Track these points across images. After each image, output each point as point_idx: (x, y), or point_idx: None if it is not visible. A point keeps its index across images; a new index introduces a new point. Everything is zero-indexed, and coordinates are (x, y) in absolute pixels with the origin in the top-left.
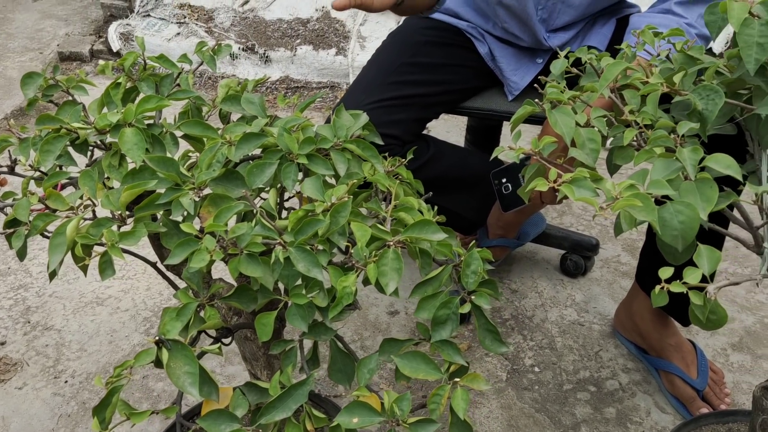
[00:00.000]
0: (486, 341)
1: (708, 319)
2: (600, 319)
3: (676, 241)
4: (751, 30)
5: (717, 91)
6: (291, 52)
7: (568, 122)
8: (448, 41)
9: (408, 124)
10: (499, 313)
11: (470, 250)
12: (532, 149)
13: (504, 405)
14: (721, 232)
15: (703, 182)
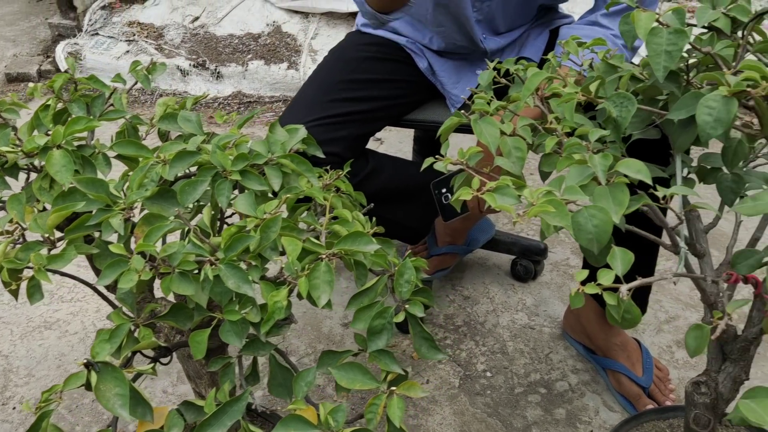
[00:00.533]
0: (422, 349)
1: (623, 318)
2: (550, 322)
3: (592, 244)
4: (660, 39)
5: (630, 98)
6: (242, 67)
7: (492, 132)
8: (388, 57)
9: (349, 141)
10: (452, 320)
11: (404, 260)
12: (458, 159)
13: (457, 411)
14: (638, 233)
15: (615, 187)
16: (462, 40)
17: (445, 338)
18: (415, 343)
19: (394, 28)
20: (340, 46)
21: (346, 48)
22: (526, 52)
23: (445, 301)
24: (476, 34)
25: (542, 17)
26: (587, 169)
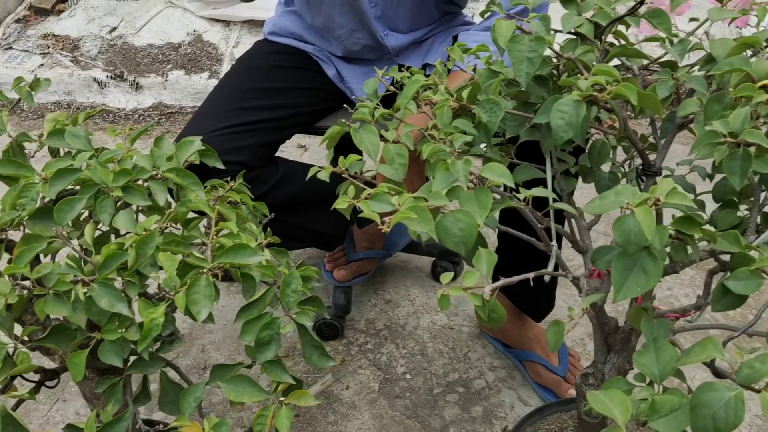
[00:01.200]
0: (313, 357)
1: (489, 317)
2: (469, 321)
3: (459, 247)
4: (521, 46)
5: (498, 103)
6: (162, 78)
7: (372, 140)
8: (296, 65)
9: (255, 150)
10: (373, 324)
11: (291, 270)
12: (340, 167)
13: (376, 415)
14: (513, 234)
15: (480, 191)
16: (365, 39)
17: (365, 343)
18: (306, 351)
19: (300, 35)
20: (248, 54)
21: (254, 56)
22: (431, 59)
23: (366, 306)
24: (376, 30)
25: (446, 22)
26: (452, 175)
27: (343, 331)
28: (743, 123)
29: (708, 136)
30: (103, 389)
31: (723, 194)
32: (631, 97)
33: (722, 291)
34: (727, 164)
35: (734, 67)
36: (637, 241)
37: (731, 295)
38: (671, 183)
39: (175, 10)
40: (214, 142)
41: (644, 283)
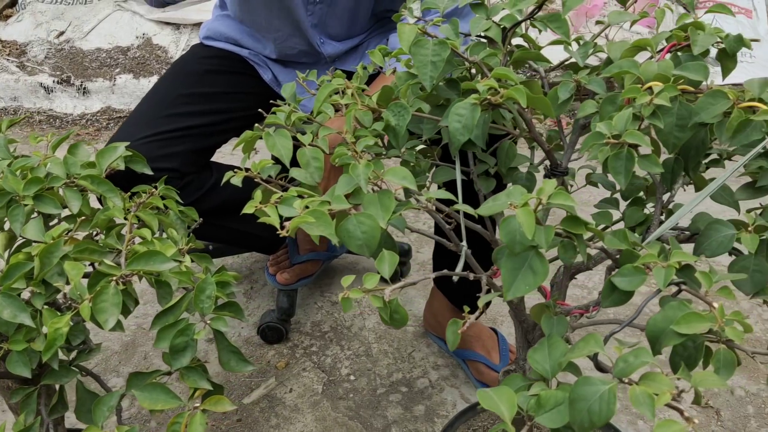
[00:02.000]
0: (231, 363)
1: (392, 318)
2: (415, 321)
3: (363, 250)
4: (425, 50)
5: (405, 107)
6: (110, 82)
7: (285, 144)
8: (231, 69)
9: (187, 156)
10: (319, 326)
11: (206, 275)
12: (253, 172)
13: (319, 417)
14: (426, 235)
15: (383, 194)
16: (301, 45)
17: (310, 345)
18: (222, 357)
19: (235, 39)
20: (182, 59)
21: (188, 61)
22: (368, 62)
23: (312, 308)
24: (313, 38)
25: (383, 26)
26: (353, 178)
27: (288, 334)
28: (626, 124)
29: (594, 137)
30: (17, 400)
31: (630, 192)
32: (520, 99)
33: (610, 287)
34: (612, 164)
35: (623, 69)
36: (522, 241)
37: (618, 291)
38: (554, 184)
39: (124, 14)
40: (142, 150)
41: (532, 281)
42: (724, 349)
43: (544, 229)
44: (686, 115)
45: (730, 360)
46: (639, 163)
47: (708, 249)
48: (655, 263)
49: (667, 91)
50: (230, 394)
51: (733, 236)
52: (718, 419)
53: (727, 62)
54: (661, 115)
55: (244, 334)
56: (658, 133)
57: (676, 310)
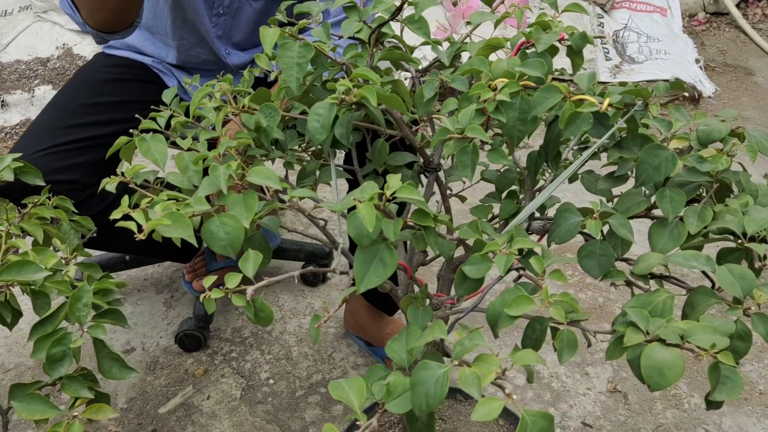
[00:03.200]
0: (112, 370)
1: (257, 316)
2: (336, 323)
3: (227, 251)
4: (291, 52)
5: (275, 109)
6: (29, 94)
7: (160, 149)
8: (135, 77)
9: (88, 167)
10: (239, 332)
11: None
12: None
13: (236, 423)
14: (302, 234)
15: (247, 194)
16: (206, 54)
17: (230, 351)
18: (103, 365)
19: (137, 48)
20: (83, 69)
21: (89, 70)
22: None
23: (233, 315)
24: (218, 49)
25: None
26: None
27: (207, 341)
28: (470, 119)
29: (440, 133)
30: None
31: (504, 185)
32: (370, 97)
33: (462, 276)
34: (460, 158)
35: (473, 67)
36: (368, 236)
37: (470, 280)
38: (398, 178)
39: (44, 24)
40: (40, 163)
41: (383, 273)
42: (567, 330)
43: (392, 222)
44: (527, 110)
45: (573, 340)
46: (489, 157)
47: (557, 236)
48: (498, 251)
49: (508, 87)
50: (145, 404)
51: (579, 223)
52: (625, 403)
53: (575, 58)
54: (504, 110)
55: (163, 343)
56: (503, 128)
57: (512, 295)
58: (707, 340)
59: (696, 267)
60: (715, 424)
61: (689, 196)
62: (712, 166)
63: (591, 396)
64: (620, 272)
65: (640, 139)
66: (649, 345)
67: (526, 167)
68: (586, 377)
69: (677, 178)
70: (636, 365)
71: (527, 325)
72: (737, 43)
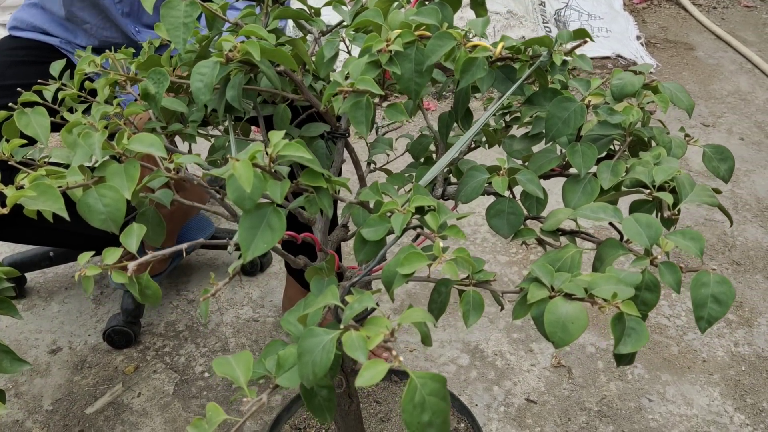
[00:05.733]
0: (3, 363)
1: (143, 294)
2: (275, 312)
3: (107, 224)
4: (177, 11)
5: (164, 74)
6: None
7: (42, 122)
8: (41, 59)
9: None
10: (173, 326)
11: None
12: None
13: (168, 419)
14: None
15: (128, 163)
16: (115, 36)
17: (163, 346)
18: None
19: (43, 29)
20: None
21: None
22: None
23: (167, 308)
24: (126, 27)
25: None
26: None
27: (138, 336)
28: (360, 72)
29: (331, 86)
30: None
31: (419, 151)
32: (254, 52)
33: (361, 240)
34: (353, 114)
35: (367, 18)
36: (250, 197)
37: (369, 243)
38: (281, 135)
39: None
40: None
41: (270, 239)
42: (473, 291)
43: (279, 183)
44: (423, 60)
45: (479, 301)
46: (386, 112)
47: (464, 195)
48: (395, 210)
49: (402, 36)
50: (72, 405)
51: (485, 180)
52: (569, 377)
53: (478, 9)
54: (399, 61)
55: (91, 341)
56: (399, 81)
57: (405, 253)
58: (610, 291)
59: (603, 219)
60: (658, 393)
61: (602, 151)
62: (622, 117)
63: (535, 372)
64: (531, 230)
65: (550, 93)
66: (552, 300)
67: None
68: (530, 353)
69: (590, 133)
70: (540, 322)
71: (433, 290)
72: (678, 20)
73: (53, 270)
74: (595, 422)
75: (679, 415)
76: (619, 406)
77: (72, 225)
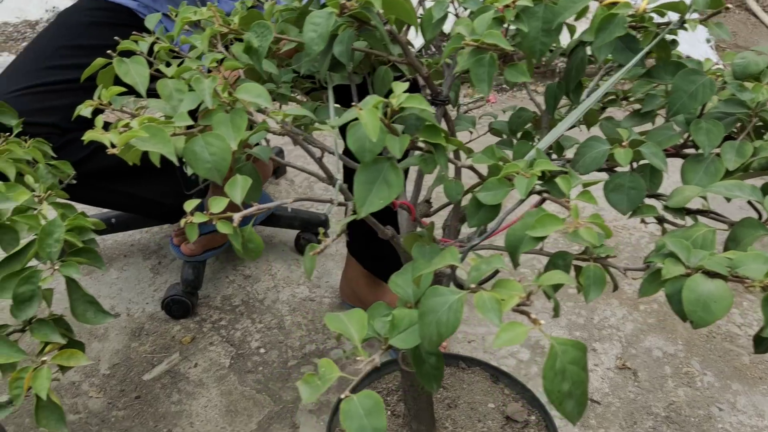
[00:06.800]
0: (87, 314)
1: (246, 247)
2: (331, 293)
3: (212, 174)
4: None
5: (268, 27)
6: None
7: (141, 71)
8: (118, 22)
9: (68, 111)
10: (229, 300)
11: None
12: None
13: (224, 392)
14: (294, 167)
15: (235, 112)
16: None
17: (219, 320)
18: (77, 309)
19: None
20: (66, 11)
21: (73, 13)
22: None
23: (223, 282)
24: None
25: None
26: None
27: (195, 308)
28: (486, 26)
29: (454, 41)
30: None
31: (518, 125)
32: (375, 2)
33: (476, 205)
34: (475, 71)
35: None
36: (372, 149)
37: (485, 208)
38: (404, 87)
39: None
40: (17, 103)
41: (387, 195)
42: (593, 266)
43: (398, 138)
44: (551, 18)
45: (600, 276)
46: (507, 73)
47: (582, 166)
48: (517, 173)
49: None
50: (129, 371)
51: (606, 151)
52: (635, 380)
53: None
54: (526, 18)
55: (149, 309)
56: (524, 40)
57: (534, 216)
58: (760, 270)
59: (740, 197)
60: (729, 403)
61: (727, 130)
62: (752, 95)
63: (599, 372)
64: (652, 207)
65: (673, 66)
66: (692, 277)
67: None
68: (593, 353)
69: (713, 110)
70: (676, 300)
71: (548, 262)
72: (747, 25)
73: (112, 237)
74: (662, 428)
75: (751, 426)
76: (688, 413)
77: (145, 191)
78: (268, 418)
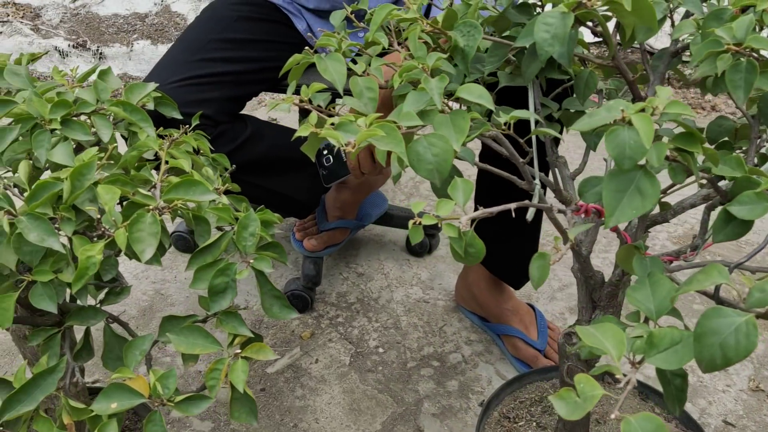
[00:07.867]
0: (273, 309)
1: (467, 252)
2: (445, 295)
3: (433, 175)
4: None
5: (476, 26)
6: (128, 48)
7: (338, 68)
8: (265, 17)
9: (220, 103)
10: (345, 297)
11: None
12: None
13: (346, 389)
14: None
15: (456, 114)
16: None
17: (336, 316)
18: (265, 302)
19: None
20: (211, 5)
21: (219, 7)
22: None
23: (338, 279)
24: None
25: None
26: (424, 95)
27: (313, 303)
28: (747, 30)
29: (709, 45)
30: (37, 342)
31: (717, 134)
32: (624, 2)
33: (725, 219)
34: (730, 77)
35: None
36: (632, 156)
37: (735, 222)
38: (669, 92)
39: None
40: (175, 94)
41: (640, 205)
42: None
43: (656, 145)
44: None
45: None
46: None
47: None
48: None
49: None
50: (253, 363)
51: None
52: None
53: None
54: None
55: None
56: None
57: None
58: None
59: None
60: None
61: None
62: None
63: (731, 393)
64: None
65: None
66: None
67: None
68: (725, 373)
69: None
70: None
71: None
72: None
73: None
74: None
75: None
76: None
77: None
78: (391, 419)
